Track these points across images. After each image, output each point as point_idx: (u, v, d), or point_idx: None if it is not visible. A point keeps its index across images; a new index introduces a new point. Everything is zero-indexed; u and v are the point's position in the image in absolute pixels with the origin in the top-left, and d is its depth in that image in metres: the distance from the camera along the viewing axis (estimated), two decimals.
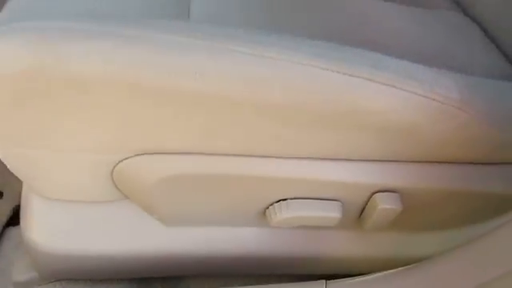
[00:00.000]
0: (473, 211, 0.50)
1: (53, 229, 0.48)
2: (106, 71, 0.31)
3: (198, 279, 0.57)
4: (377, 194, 0.43)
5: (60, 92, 0.33)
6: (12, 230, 0.72)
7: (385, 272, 0.48)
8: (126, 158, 0.39)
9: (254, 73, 0.33)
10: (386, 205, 0.43)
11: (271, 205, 0.44)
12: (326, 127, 0.38)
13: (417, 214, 0.48)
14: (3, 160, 0.43)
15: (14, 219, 0.73)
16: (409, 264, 0.49)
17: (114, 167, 0.40)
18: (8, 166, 0.43)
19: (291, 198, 0.43)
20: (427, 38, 0.59)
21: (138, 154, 0.39)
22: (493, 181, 0.47)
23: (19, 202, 0.75)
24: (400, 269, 0.47)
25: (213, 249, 0.49)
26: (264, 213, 0.45)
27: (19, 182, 0.78)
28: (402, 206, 0.43)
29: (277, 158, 0.40)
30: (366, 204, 0.44)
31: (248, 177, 0.41)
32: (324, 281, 0.46)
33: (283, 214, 0.43)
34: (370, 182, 0.42)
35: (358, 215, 0.46)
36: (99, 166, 0.40)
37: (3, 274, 0.66)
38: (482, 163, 0.46)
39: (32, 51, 0.31)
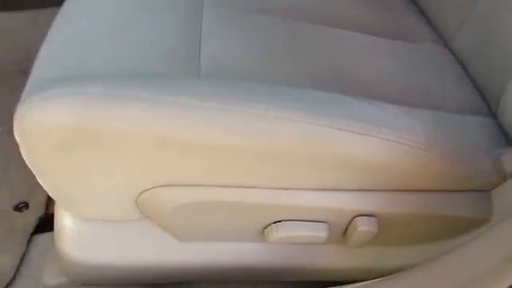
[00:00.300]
0: (444, 230, 0.58)
1: (82, 243, 0.56)
2: (136, 129, 0.40)
3: (206, 285, 0.66)
4: (357, 217, 0.51)
5: (98, 143, 0.41)
6: (38, 238, 0.79)
7: (368, 281, 0.56)
8: (149, 189, 0.47)
9: (254, 129, 0.42)
10: (364, 227, 0.51)
11: (269, 225, 0.52)
12: (313, 168, 0.46)
13: (394, 232, 0.56)
14: (43, 186, 0.51)
15: (39, 227, 0.82)
16: (389, 274, 0.57)
17: (139, 196, 0.48)
18: (48, 192, 0.51)
19: (285, 220, 0.51)
20: (407, 74, 0.66)
21: (159, 186, 0.47)
22: (460, 206, 0.54)
23: (43, 212, 0.83)
24: (382, 278, 0.55)
25: (219, 260, 0.57)
26: (263, 231, 0.53)
27: (43, 194, 0.86)
28: (377, 229, 0.51)
29: (273, 188, 0.49)
30: (349, 226, 0.53)
31: (249, 204, 0.49)
32: None
33: (279, 233, 0.51)
34: (351, 208, 0.50)
35: (341, 234, 0.54)
36: (127, 195, 0.48)
37: (32, 277, 0.74)
38: (450, 191, 0.54)
39: (77, 113, 0.39)
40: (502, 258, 0.45)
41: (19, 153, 0.95)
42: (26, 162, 0.47)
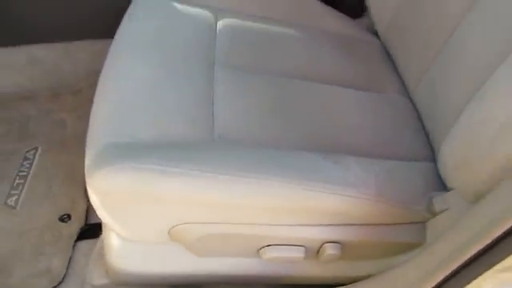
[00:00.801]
0: (390, 251, 0.77)
1: (124, 256, 0.75)
2: (174, 194, 0.60)
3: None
4: (326, 244, 0.71)
5: (147, 199, 0.61)
6: (80, 244, 0.99)
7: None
8: (179, 225, 0.67)
9: (256, 193, 0.62)
10: (331, 251, 0.70)
11: (262, 248, 0.71)
12: (294, 212, 0.66)
13: (353, 252, 0.75)
14: (101, 216, 0.70)
15: (81, 235, 1.00)
16: (351, 281, 0.78)
17: (171, 228, 0.68)
18: (104, 221, 0.71)
19: (274, 245, 0.71)
20: (373, 126, 0.83)
21: (186, 223, 0.67)
22: (402, 235, 0.73)
23: (84, 222, 1.03)
24: (344, 287, 0.76)
25: (227, 270, 0.76)
26: (258, 252, 0.73)
27: (82, 207, 1.05)
28: (341, 251, 0.71)
29: (265, 224, 0.69)
30: (320, 249, 0.72)
31: (249, 234, 0.69)
32: None
33: (269, 254, 0.71)
34: (321, 237, 0.70)
35: (315, 254, 0.73)
36: (162, 228, 0.67)
37: (78, 276, 0.93)
38: (394, 224, 0.74)
39: (134, 183, 0.60)
40: (427, 270, 0.65)
41: (59, 170, 1.16)
42: (93, 204, 0.66)
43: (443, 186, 0.76)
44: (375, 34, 1.10)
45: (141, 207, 0.65)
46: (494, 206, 0.57)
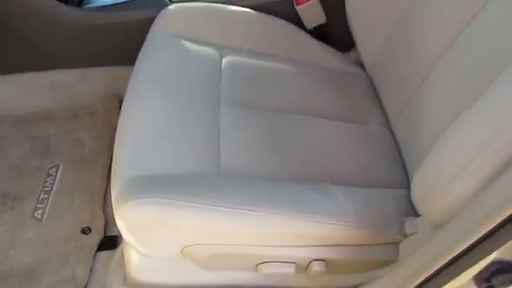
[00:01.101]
0: (368, 266, 0.90)
1: (142, 269, 0.89)
2: (186, 222, 0.73)
3: None
4: (313, 261, 0.84)
5: (163, 226, 0.74)
6: (100, 254, 1.11)
7: None
8: (190, 246, 0.80)
9: (255, 224, 0.75)
10: (317, 268, 0.83)
11: (259, 264, 0.85)
12: (286, 237, 0.79)
13: (336, 268, 0.88)
14: (125, 237, 0.83)
15: (100, 246, 1.14)
16: None
17: (183, 249, 0.81)
18: (126, 240, 0.84)
19: (269, 262, 0.84)
20: (355, 156, 0.96)
21: (195, 244, 0.80)
22: (378, 254, 0.85)
23: (103, 235, 1.16)
24: None
25: (230, 282, 0.90)
26: (256, 267, 0.86)
27: (101, 221, 1.18)
28: (325, 268, 0.85)
29: (261, 246, 0.82)
30: (308, 266, 0.86)
31: (249, 254, 0.82)
32: None
33: (266, 269, 0.84)
34: (309, 256, 0.83)
35: (304, 269, 0.86)
36: (175, 248, 0.81)
37: (99, 283, 1.07)
38: (371, 244, 0.87)
39: (154, 214, 0.72)
40: (399, 283, 0.79)
41: (80, 186, 1.30)
42: (119, 227, 0.79)
43: (415, 211, 0.88)
44: (363, 66, 1.22)
45: (158, 231, 0.78)
46: (446, 237, 0.70)
